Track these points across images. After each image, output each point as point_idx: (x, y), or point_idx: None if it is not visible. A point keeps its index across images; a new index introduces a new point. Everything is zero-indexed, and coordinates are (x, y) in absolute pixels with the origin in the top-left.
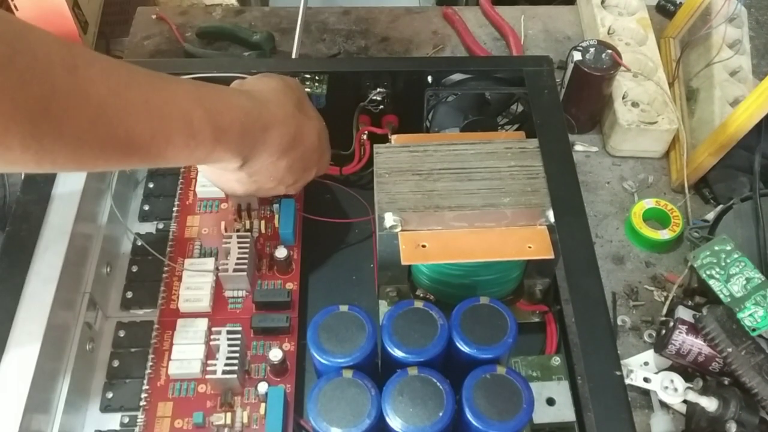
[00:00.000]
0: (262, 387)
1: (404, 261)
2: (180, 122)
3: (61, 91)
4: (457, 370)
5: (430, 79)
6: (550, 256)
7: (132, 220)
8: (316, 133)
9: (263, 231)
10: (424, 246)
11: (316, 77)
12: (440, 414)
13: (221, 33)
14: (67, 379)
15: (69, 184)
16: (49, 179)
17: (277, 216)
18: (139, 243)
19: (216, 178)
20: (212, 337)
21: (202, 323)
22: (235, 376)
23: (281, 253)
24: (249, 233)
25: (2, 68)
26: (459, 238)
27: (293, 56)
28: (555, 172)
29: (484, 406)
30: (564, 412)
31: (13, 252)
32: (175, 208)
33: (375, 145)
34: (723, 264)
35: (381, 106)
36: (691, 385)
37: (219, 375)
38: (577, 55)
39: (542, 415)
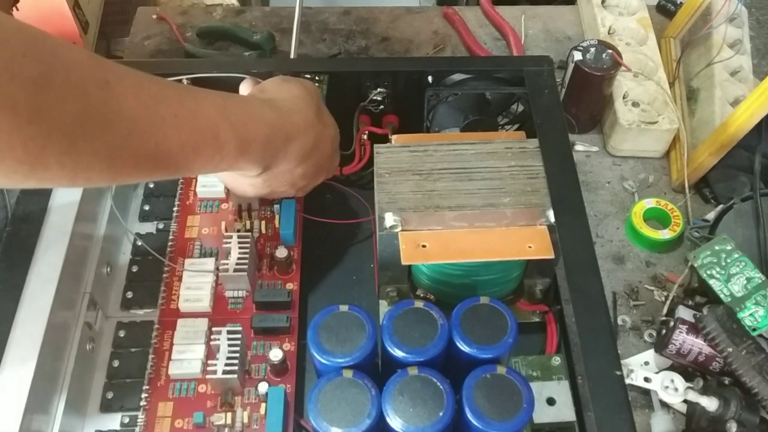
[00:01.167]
0: (263, 387)
1: (404, 261)
2: (207, 134)
3: (95, 107)
4: (457, 370)
5: (430, 79)
6: (551, 255)
7: (132, 220)
8: (331, 141)
9: (263, 231)
10: (424, 246)
11: (316, 77)
12: (440, 414)
13: (221, 33)
14: (67, 379)
15: None
16: None
17: (277, 216)
18: (139, 243)
19: (230, 181)
20: (212, 337)
21: (203, 323)
22: (235, 376)
23: (281, 253)
24: (249, 233)
25: (41, 87)
26: (459, 238)
27: (291, 56)
28: (555, 172)
29: (485, 406)
30: (564, 411)
31: (13, 252)
32: (175, 208)
33: (375, 145)
34: (723, 264)
35: (381, 106)
36: (691, 385)
37: (219, 375)
38: (577, 55)
39: (542, 414)
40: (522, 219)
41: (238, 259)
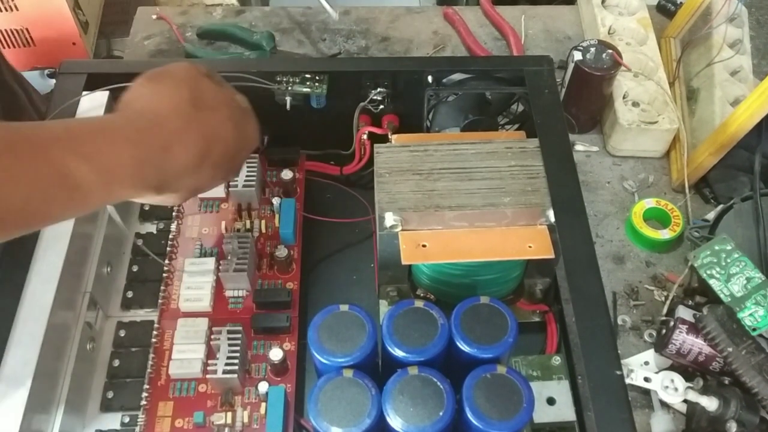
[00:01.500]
0: (263, 386)
1: (405, 261)
2: (54, 179)
3: None
4: (457, 370)
5: (430, 78)
6: (551, 255)
7: (132, 220)
8: (227, 122)
9: (263, 231)
10: (424, 246)
11: (316, 77)
12: (440, 413)
13: (221, 33)
14: (67, 379)
15: None
16: None
17: (277, 216)
18: (140, 243)
19: (151, 201)
20: (213, 336)
21: (203, 323)
22: (235, 375)
23: (281, 252)
24: (249, 233)
25: None
26: (459, 238)
27: (334, 15)
28: (555, 172)
29: (485, 406)
30: (564, 411)
31: (14, 252)
32: (175, 208)
33: (375, 145)
34: (723, 263)
35: (381, 106)
36: (691, 385)
37: (219, 375)
38: (577, 55)
39: (542, 414)
40: (522, 219)
41: (238, 258)
